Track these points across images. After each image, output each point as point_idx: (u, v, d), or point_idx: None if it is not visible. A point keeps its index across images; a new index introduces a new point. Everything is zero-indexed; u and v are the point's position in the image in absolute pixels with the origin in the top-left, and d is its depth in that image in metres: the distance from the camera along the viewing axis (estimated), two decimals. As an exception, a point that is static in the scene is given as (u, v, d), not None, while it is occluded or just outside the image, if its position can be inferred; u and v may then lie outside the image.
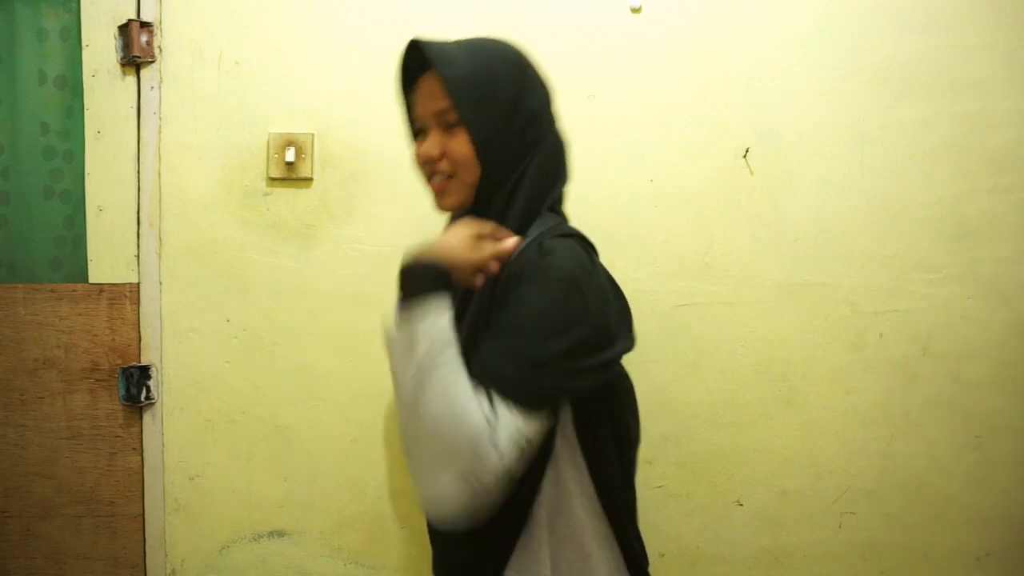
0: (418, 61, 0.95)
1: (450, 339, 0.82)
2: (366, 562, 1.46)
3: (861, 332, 1.44)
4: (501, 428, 0.79)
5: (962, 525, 1.45)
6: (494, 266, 0.90)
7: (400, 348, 0.84)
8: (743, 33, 1.42)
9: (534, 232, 0.93)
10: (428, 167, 0.96)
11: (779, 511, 1.45)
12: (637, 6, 1.42)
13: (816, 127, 1.42)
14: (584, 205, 1.14)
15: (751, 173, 1.43)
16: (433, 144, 0.94)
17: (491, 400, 0.80)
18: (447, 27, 1.41)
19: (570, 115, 0.99)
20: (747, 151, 1.43)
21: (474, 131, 0.91)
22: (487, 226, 0.92)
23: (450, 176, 0.94)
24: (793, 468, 1.45)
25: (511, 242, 0.90)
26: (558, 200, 1.00)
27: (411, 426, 0.81)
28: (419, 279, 0.86)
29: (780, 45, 1.42)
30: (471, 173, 0.93)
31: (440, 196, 0.97)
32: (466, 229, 0.91)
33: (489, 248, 0.90)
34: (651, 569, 1.00)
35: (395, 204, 1.43)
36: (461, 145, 0.92)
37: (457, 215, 1.00)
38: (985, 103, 1.42)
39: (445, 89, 0.91)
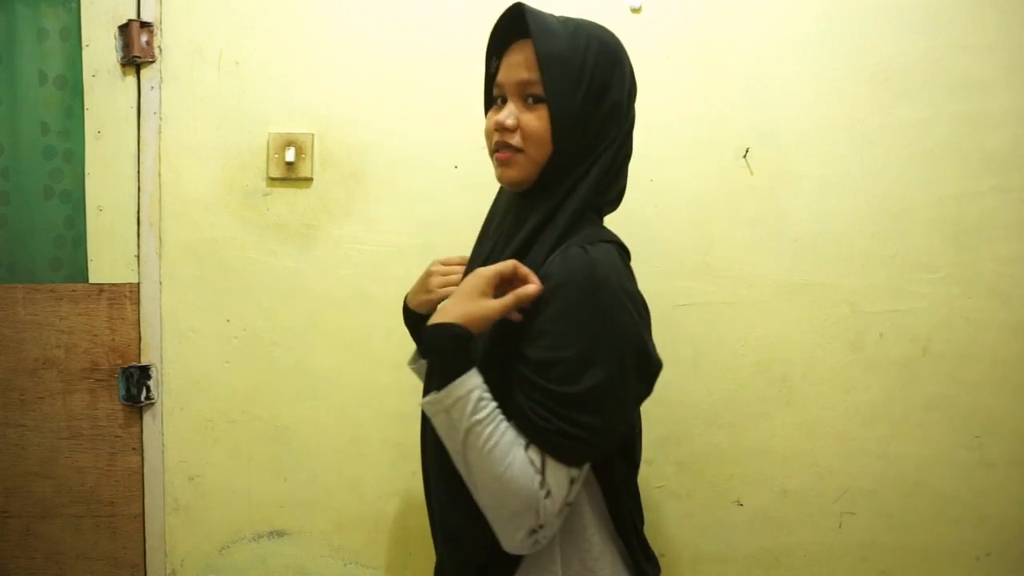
0: (514, 27, 0.92)
1: (488, 415, 0.81)
2: (366, 562, 1.46)
3: (861, 332, 1.44)
4: (551, 476, 0.81)
5: (961, 525, 1.45)
6: (516, 316, 0.87)
7: (443, 432, 0.84)
8: (743, 33, 1.42)
9: (580, 234, 0.90)
10: (499, 136, 0.92)
11: (779, 511, 1.45)
12: (637, 6, 1.42)
13: (816, 127, 1.42)
14: (584, 205, 1.14)
15: (751, 173, 1.43)
16: (510, 114, 0.91)
17: (541, 455, 0.81)
18: (447, 27, 1.42)
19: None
20: (747, 151, 1.43)
21: (556, 110, 0.88)
22: (507, 266, 0.86)
23: (518, 150, 0.91)
24: (793, 468, 1.45)
25: (533, 289, 0.85)
26: (611, 202, 0.98)
27: (473, 491, 0.84)
28: (446, 358, 0.83)
29: (780, 45, 1.42)
30: (542, 152, 0.90)
31: (504, 166, 0.93)
32: (483, 279, 0.86)
33: (511, 298, 0.85)
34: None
35: (395, 204, 1.43)
36: (539, 120, 0.89)
37: (512, 196, 0.97)
38: (985, 103, 1.42)
39: (537, 61, 0.88)
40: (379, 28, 1.42)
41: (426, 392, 0.94)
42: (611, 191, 0.97)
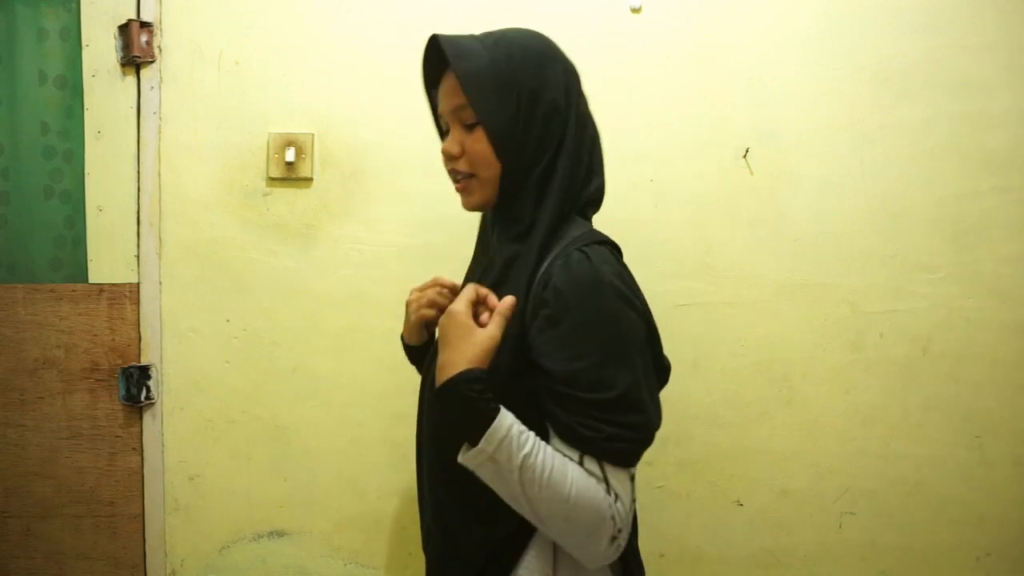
0: (441, 57, 0.92)
1: (532, 446, 0.79)
2: (366, 562, 1.46)
3: (861, 332, 1.44)
4: (614, 479, 0.81)
5: (961, 525, 1.45)
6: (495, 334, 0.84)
7: (493, 481, 0.81)
8: (743, 33, 1.42)
9: (570, 235, 0.89)
10: (450, 164, 0.93)
11: (779, 511, 1.45)
12: (637, 6, 1.42)
13: (816, 127, 1.42)
14: (584, 205, 1.14)
15: (751, 173, 1.43)
16: (453, 142, 0.92)
17: (599, 464, 0.81)
18: (447, 27, 1.41)
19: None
20: (747, 151, 1.43)
21: (489, 127, 0.88)
22: (471, 292, 0.86)
23: (470, 175, 0.91)
24: (793, 468, 1.45)
25: (510, 300, 0.84)
26: (593, 202, 0.97)
27: (544, 524, 0.82)
28: (470, 406, 0.79)
29: (780, 45, 1.42)
30: (491, 171, 0.90)
31: (463, 194, 0.94)
32: (460, 316, 0.84)
33: (497, 318, 0.84)
34: (651, 569, 1.00)
35: (395, 204, 1.43)
36: (479, 142, 0.89)
37: (486, 213, 0.99)
38: (985, 103, 1.42)
39: (460, 85, 0.88)
40: (379, 28, 1.42)
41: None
42: (587, 188, 0.94)
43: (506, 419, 0.80)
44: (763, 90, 1.42)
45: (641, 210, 1.43)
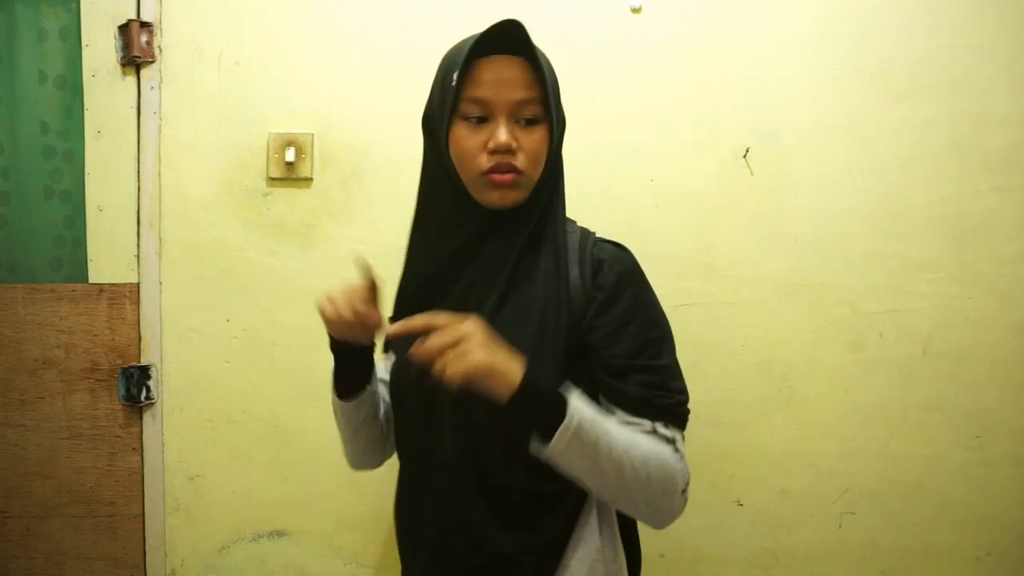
0: (487, 42, 0.87)
1: (604, 418, 0.84)
2: (366, 562, 1.46)
3: (861, 332, 1.44)
4: (681, 447, 0.89)
5: (962, 525, 1.45)
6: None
7: (580, 463, 0.83)
8: (743, 33, 1.42)
9: (574, 230, 0.97)
10: (501, 157, 0.87)
11: (779, 511, 1.45)
12: (637, 6, 1.41)
13: (816, 127, 1.42)
14: (584, 205, 1.14)
15: (751, 173, 1.43)
16: (512, 136, 0.87)
17: (668, 428, 0.88)
18: (447, 27, 1.41)
19: (570, 115, 0.98)
20: (747, 151, 1.43)
21: (556, 132, 0.91)
22: (439, 318, 0.82)
23: (520, 172, 0.88)
24: (793, 468, 1.45)
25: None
26: None
27: (616, 491, 0.86)
28: (545, 403, 0.81)
29: (780, 45, 1.42)
30: (538, 172, 0.91)
31: (506, 189, 0.89)
32: (476, 329, 0.80)
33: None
34: (651, 569, 1.01)
35: (395, 204, 1.43)
36: (540, 144, 0.89)
37: (475, 216, 0.93)
38: (985, 103, 1.42)
39: (534, 80, 0.87)
40: (379, 28, 1.42)
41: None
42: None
43: (574, 393, 0.83)
44: (763, 90, 1.42)
45: (641, 210, 1.42)
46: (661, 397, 0.88)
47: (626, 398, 0.88)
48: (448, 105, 0.90)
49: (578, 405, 0.82)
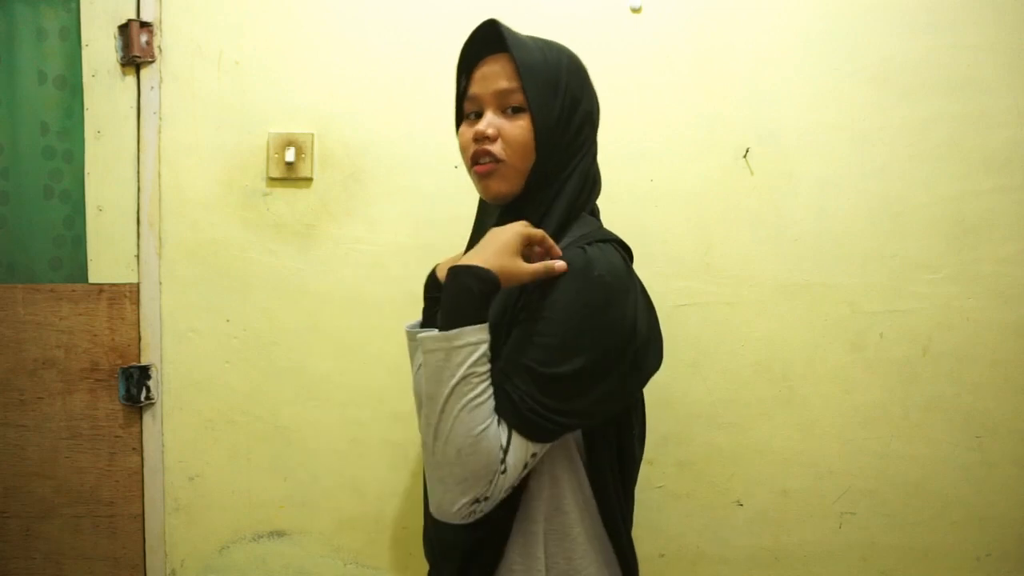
0: (483, 44, 0.94)
1: (484, 372, 0.81)
2: (366, 562, 1.46)
3: (861, 332, 1.44)
4: (512, 455, 0.82)
5: (962, 525, 1.45)
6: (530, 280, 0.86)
7: (432, 372, 0.81)
8: (743, 33, 1.42)
9: (575, 233, 0.93)
10: (478, 146, 0.91)
11: (779, 511, 1.45)
12: (637, 6, 1.42)
13: (816, 127, 1.42)
14: (584, 205, 1.14)
15: (751, 173, 1.43)
16: (490, 123, 0.91)
17: (509, 432, 0.82)
18: (447, 27, 1.42)
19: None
20: (747, 151, 1.43)
21: (538, 115, 0.90)
22: (537, 234, 0.87)
23: (499, 161, 0.91)
24: (793, 468, 1.45)
25: (561, 265, 0.85)
26: (595, 209, 1.01)
27: (434, 441, 0.82)
28: (471, 299, 0.81)
29: (780, 45, 1.42)
30: (526, 161, 0.91)
31: (487, 179, 0.92)
32: (518, 237, 0.85)
33: (542, 267, 0.85)
34: (651, 569, 1.00)
35: (395, 204, 1.43)
36: (521, 129, 0.91)
37: (498, 207, 0.97)
38: (985, 103, 1.42)
39: (516, 71, 0.90)
40: (379, 28, 1.42)
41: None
42: (594, 195, 1.00)
43: (484, 333, 0.82)
44: (763, 90, 1.42)
45: (641, 210, 1.43)
46: (518, 396, 0.82)
47: (498, 389, 0.83)
48: (456, 110, 0.99)
49: (478, 337, 0.80)
